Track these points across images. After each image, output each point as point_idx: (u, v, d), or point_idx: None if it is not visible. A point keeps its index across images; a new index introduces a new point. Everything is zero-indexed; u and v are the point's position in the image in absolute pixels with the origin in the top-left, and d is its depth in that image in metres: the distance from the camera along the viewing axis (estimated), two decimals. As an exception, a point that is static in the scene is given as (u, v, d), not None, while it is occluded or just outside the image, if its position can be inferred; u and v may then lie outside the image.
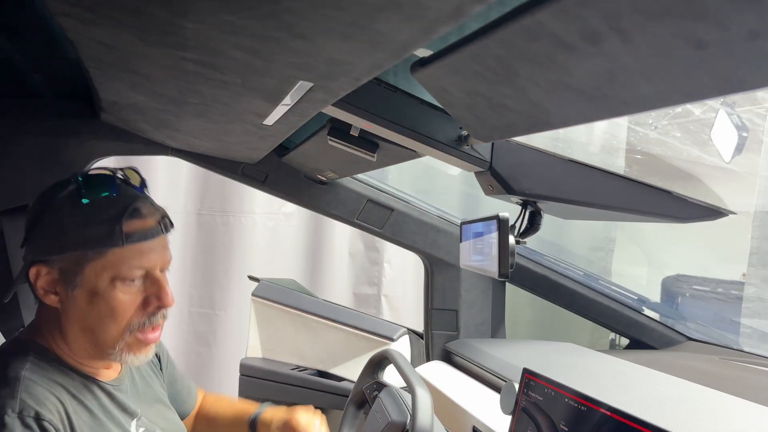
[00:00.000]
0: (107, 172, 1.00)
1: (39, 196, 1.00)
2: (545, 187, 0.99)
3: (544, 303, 2.08)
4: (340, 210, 1.84)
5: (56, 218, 0.95)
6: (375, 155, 1.18)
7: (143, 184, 1.04)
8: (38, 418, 0.86)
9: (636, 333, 2.04)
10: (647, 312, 2.11)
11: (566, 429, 1.09)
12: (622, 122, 2.95)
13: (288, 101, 0.86)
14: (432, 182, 3.00)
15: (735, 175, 2.65)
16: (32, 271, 0.95)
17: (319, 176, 1.77)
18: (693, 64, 0.48)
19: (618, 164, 2.98)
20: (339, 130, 1.15)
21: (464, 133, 1.00)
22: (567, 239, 3.06)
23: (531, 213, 1.08)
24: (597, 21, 0.47)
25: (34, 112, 1.49)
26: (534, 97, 0.67)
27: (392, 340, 2.09)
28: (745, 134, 2.54)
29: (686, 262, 3.12)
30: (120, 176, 1.01)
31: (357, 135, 1.14)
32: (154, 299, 0.97)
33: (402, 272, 3.14)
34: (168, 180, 2.80)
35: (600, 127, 2.99)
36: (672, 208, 0.98)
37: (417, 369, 1.94)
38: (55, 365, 0.96)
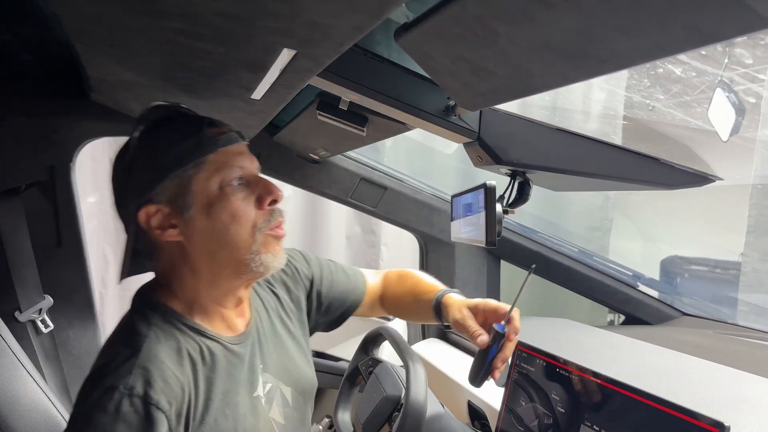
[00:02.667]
0: (165, 103, 1.01)
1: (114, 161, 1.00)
2: (533, 157, 0.99)
3: (543, 282, 2.09)
4: (334, 189, 1.84)
5: (143, 154, 0.94)
6: (365, 129, 1.18)
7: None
8: (146, 401, 0.84)
9: (631, 309, 2.04)
10: (643, 288, 2.12)
11: (557, 398, 1.10)
12: (620, 92, 2.96)
13: (273, 72, 0.86)
14: (429, 161, 3.00)
15: (732, 144, 2.64)
16: (141, 215, 0.93)
17: (311, 155, 1.77)
18: (665, 16, 0.48)
19: (616, 134, 2.99)
20: (328, 104, 1.14)
21: (452, 103, 0.99)
22: (566, 219, 3.07)
23: (520, 183, 1.08)
24: (570, -27, 0.47)
25: (23, 93, 1.48)
26: (515, 59, 0.67)
27: (389, 319, 2.10)
28: (742, 114, 2.53)
29: (682, 237, 3.13)
30: (179, 107, 1.01)
31: (346, 109, 1.14)
32: (265, 194, 0.98)
33: (399, 254, 3.15)
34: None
35: (599, 102, 3.00)
36: (660, 174, 0.98)
37: (413, 347, 1.95)
38: (180, 328, 0.95)
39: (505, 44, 0.64)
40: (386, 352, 1.62)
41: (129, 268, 1.01)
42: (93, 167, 2.71)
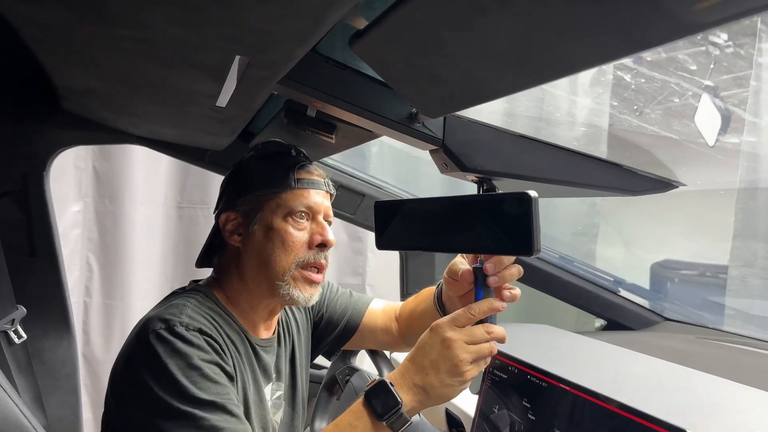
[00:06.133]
0: (282, 142, 1.23)
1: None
2: (497, 164, 0.98)
3: (528, 288, 2.08)
4: None
5: (243, 171, 1.18)
6: (333, 137, 1.18)
7: (309, 158, 1.24)
8: (202, 332, 0.99)
9: (613, 314, 2.03)
10: (625, 293, 2.11)
11: (529, 406, 1.09)
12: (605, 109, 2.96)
13: (232, 79, 0.86)
14: (414, 170, 3.00)
15: (719, 150, 2.64)
16: (222, 217, 1.16)
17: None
18: (596, 21, 0.48)
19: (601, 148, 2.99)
20: (295, 111, 1.14)
21: (414, 110, 0.99)
22: (552, 227, 3.07)
23: (485, 191, 1.08)
24: (501, -22, 0.47)
25: None
26: (464, 66, 0.67)
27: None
28: (728, 118, 2.54)
29: (668, 243, 3.13)
30: (292, 148, 1.22)
31: (314, 116, 1.14)
32: (318, 236, 1.14)
33: (386, 262, 3.14)
34: (147, 173, 2.79)
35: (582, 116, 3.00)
36: (622, 180, 0.98)
37: (393, 355, 1.94)
38: (217, 309, 1.11)
39: (453, 51, 0.64)
40: (367, 361, 1.61)
41: (202, 259, 1.24)
42: (77, 175, 2.70)
